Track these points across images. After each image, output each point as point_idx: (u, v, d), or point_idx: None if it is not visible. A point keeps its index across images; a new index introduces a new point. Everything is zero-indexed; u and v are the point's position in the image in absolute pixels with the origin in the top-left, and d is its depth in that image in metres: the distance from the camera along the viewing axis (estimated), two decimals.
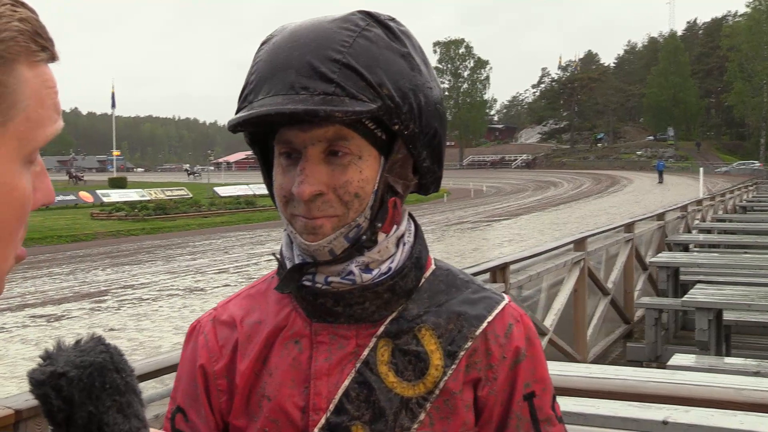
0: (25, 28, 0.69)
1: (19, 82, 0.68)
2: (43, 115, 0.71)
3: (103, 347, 0.89)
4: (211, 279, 17.24)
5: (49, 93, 0.73)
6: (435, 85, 1.17)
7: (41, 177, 0.75)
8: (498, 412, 1.19)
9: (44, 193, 0.76)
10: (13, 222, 0.71)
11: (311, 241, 1.12)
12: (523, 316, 1.25)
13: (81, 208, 40.05)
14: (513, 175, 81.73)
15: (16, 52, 0.68)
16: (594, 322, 9.34)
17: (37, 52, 0.71)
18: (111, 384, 0.88)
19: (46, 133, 0.72)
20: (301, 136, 1.10)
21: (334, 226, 1.11)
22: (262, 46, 1.16)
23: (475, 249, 22.58)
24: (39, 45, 0.71)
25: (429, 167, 1.19)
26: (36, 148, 0.71)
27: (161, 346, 10.82)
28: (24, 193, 0.71)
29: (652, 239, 12.94)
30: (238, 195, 48.26)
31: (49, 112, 0.73)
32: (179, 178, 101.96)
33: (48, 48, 0.72)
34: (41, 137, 0.71)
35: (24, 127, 0.69)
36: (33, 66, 0.70)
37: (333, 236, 1.12)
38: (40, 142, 0.72)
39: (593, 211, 35.55)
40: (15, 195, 0.70)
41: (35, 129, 0.71)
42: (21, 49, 0.68)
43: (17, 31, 0.68)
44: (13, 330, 12.17)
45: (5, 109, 0.67)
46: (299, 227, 1.13)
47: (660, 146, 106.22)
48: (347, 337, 1.17)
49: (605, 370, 4.78)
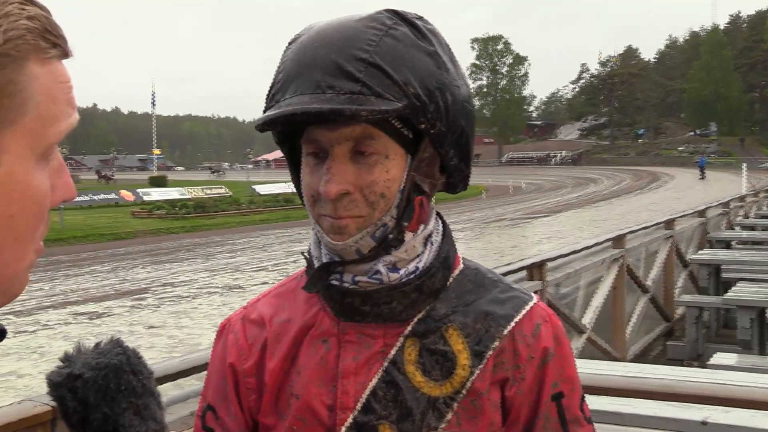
0: (34, 25, 0.69)
1: (29, 79, 0.68)
2: (55, 111, 0.72)
3: (120, 350, 0.90)
4: (249, 277, 17.35)
5: (62, 88, 0.73)
6: (462, 83, 1.16)
7: (60, 173, 0.75)
8: (525, 413, 1.18)
9: (64, 190, 0.76)
10: (31, 220, 0.71)
11: (338, 241, 1.12)
12: (552, 315, 1.24)
13: (122, 207, 40.54)
14: (552, 172, 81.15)
15: (25, 49, 0.68)
16: (633, 320, 9.24)
17: (48, 49, 0.71)
18: (126, 386, 0.89)
19: (59, 129, 0.72)
20: (327, 135, 1.09)
21: (359, 226, 1.11)
22: (289, 45, 1.16)
23: (513, 246, 22.46)
24: (49, 42, 0.71)
25: (456, 166, 1.18)
26: (50, 144, 0.72)
27: (200, 344, 10.90)
28: (40, 191, 0.71)
29: (693, 236, 12.77)
30: (277, 193, 48.43)
31: (62, 108, 0.73)
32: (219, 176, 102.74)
33: (59, 44, 0.72)
34: (54, 133, 0.72)
35: (36, 124, 0.69)
36: (44, 63, 0.70)
37: (359, 236, 1.11)
38: (54, 139, 0.72)
39: (633, 208, 35.16)
40: (31, 193, 0.70)
41: (48, 126, 0.71)
42: (30, 46, 0.68)
43: (26, 29, 0.68)
44: (56, 327, 12.36)
45: (16, 106, 0.67)
46: (326, 227, 1.13)
47: (702, 142, 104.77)
48: (375, 336, 1.17)
49: (643, 368, 4.72)
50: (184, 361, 3.00)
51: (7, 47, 0.66)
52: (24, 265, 0.73)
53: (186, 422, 2.86)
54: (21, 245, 0.71)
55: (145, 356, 1.00)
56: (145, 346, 10.85)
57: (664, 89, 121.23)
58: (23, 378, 9.27)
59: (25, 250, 0.72)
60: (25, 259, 0.73)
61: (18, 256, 0.72)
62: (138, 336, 11.55)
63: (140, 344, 11.00)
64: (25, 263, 0.73)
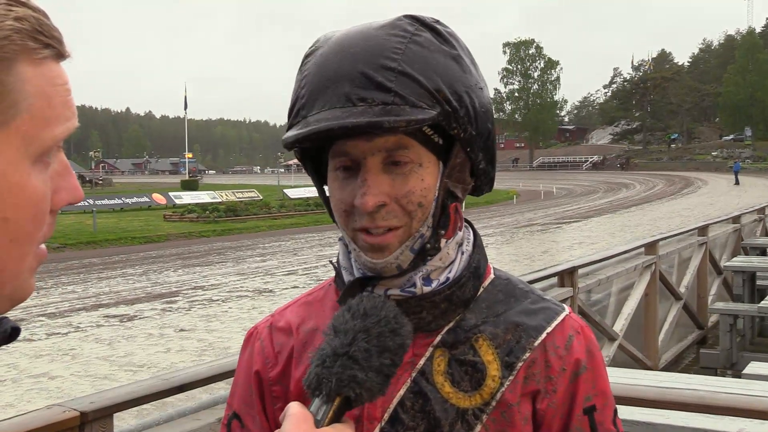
0: (22, 26, 0.68)
1: (19, 80, 0.67)
2: (50, 114, 0.71)
3: None
4: (280, 281, 17.42)
5: (58, 91, 0.72)
6: (484, 85, 1.16)
7: (64, 176, 0.75)
8: (557, 426, 1.16)
9: (69, 192, 0.75)
10: (28, 223, 0.70)
11: (378, 259, 1.10)
12: (584, 327, 1.21)
13: (154, 210, 40.92)
14: (584, 177, 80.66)
15: (12, 50, 0.67)
16: (666, 327, 9.15)
17: (39, 50, 0.70)
18: None
19: (54, 133, 0.71)
20: (360, 147, 1.07)
21: (401, 239, 1.10)
22: (307, 58, 1.13)
23: (544, 252, 22.33)
24: (40, 42, 0.70)
25: (484, 169, 1.17)
26: (45, 147, 0.70)
27: (230, 347, 10.96)
28: (37, 193, 0.70)
29: (727, 243, 12.61)
30: (308, 197, 48.63)
31: (58, 111, 0.72)
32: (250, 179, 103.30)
33: (52, 45, 0.71)
34: (49, 136, 0.71)
35: (28, 126, 0.68)
36: (36, 64, 0.69)
37: (399, 251, 1.10)
38: (50, 141, 0.71)
39: (666, 213, 34.85)
40: (26, 195, 0.69)
41: (42, 128, 0.70)
42: (18, 47, 0.67)
43: (11, 29, 0.67)
44: (88, 329, 12.48)
45: (5, 108, 0.67)
46: (364, 245, 1.11)
47: (736, 147, 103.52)
48: None
49: (676, 378, 4.66)
50: (212, 366, 3.00)
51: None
52: (22, 268, 0.72)
53: (213, 428, 2.87)
54: (18, 248, 0.70)
55: (175, 359, 1.00)
56: (175, 350, 10.93)
57: (698, 93, 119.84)
58: (55, 380, 9.37)
59: (22, 253, 0.71)
60: (23, 262, 0.72)
61: (15, 259, 0.71)
62: (168, 339, 11.62)
63: (170, 347, 11.08)
64: (23, 266, 0.72)
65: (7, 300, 0.73)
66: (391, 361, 1.00)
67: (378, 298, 1.06)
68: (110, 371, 9.93)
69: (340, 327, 1.02)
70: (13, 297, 0.73)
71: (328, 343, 1.01)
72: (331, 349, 1.00)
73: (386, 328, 1.01)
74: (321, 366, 0.99)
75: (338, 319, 1.03)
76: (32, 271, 0.74)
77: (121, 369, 10.02)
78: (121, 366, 10.17)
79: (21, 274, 0.72)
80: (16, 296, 0.73)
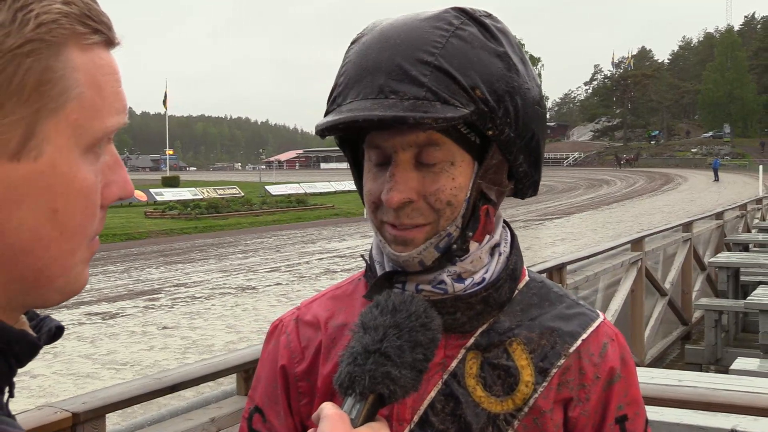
0: (70, 10, 0.65)
1: (68, 66, 0.64)
2: (101, 104, 0.67)
3: None
4: (262, 278, 17.33)
5: (108, 80, 0.69)
6: (533, 84, 1.10)
7: (115, 169, 0.72)
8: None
9: (120, 187, 0.72)
10: (78, 214, 0.67)
11: (401, 252, 1.08)
12: (618, 335, 1.19)
13: (135, 207, 40.65)
14: (565, 173, 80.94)
15: (61, 35, 0.64)
16: (651, 323, 9.19)
17: (87, 35, 0.66)
18: None
19: (105, 124, 0.68)
20: (390, 141, 1.05)
21: (426, 235, 1.07)
22: (351, 45, 1.11)
23: (527, 248, 22.37)
24: (89, 27, 0.66)
25: (526, 171, 1.13)
26: (96, 138, 0.67)
27: (214, 345, 10.89)
28: (86, 184, 0.67)
29: (710, 239, 12.69)
30: (290, 193, 48.62)
31: (109, 101, 0.68)
32: (231, 176, 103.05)
33: (101, 30, 0.68)
34: (99, 127, 0.67)
35: (78, 114, 0.65)
36: (85, 50, 0.66)
37: (423, 247, 1.07)
38: (100, 132, 0.67)
39: (647, 210, 35.01)
40: (76, 186, 0.66)
41: (92, 118, 0.66)
42: (67, 32, 0.64)
43: (59, 13, 0.64)
44: (70, 327, 12.35)
45: (57, 95, 0.63)
46: (389, 237, 1.08)
47: (716, 144, 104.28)
48: None
49: (667, 374, 4.66)
50: (205, 365, 2.96)
51: (40, 32, 0.62)
52: (74, 261, 0.69)
53: (206, 429, 2.82)
54: (68, 240, 0.67)
55: (159, 357, 0.96)
56: (159, 347, 10.85)
57: (678, 90, 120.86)
58: (37, 378, 9.27)
59: (73, 246, 0.68)
60: (75, 255, 0.69)
61: (66, 252, 0.68)
62: (151, 337, 11.53)
63: (153, 345, 11.00)
64: (74, 259, 0.69)
65: (58, 293, 0.70)
66: (424, 356, 0.98)
67: (406, 294, 1.03)
68: (93, 369, 9.83)
69: (370, 323, 0.99)
70: (65, 290, 0.70)
71: (358, 341, 0.98)
72: (361, 346, 0.97)
73: (417, 322, 0.99)
74: (353, 364, 0.96)
75: (366, 315, 1.01)
76: (85, 262, 0.71)
77: (104, 367, 9.92)
78: (104, 364, 10.07)
79: (73, 267, 0.69)
80: (68, 289, 0.70)
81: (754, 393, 3.35)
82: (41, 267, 0.67)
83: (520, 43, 1.12)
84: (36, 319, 0.75)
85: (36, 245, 0.65)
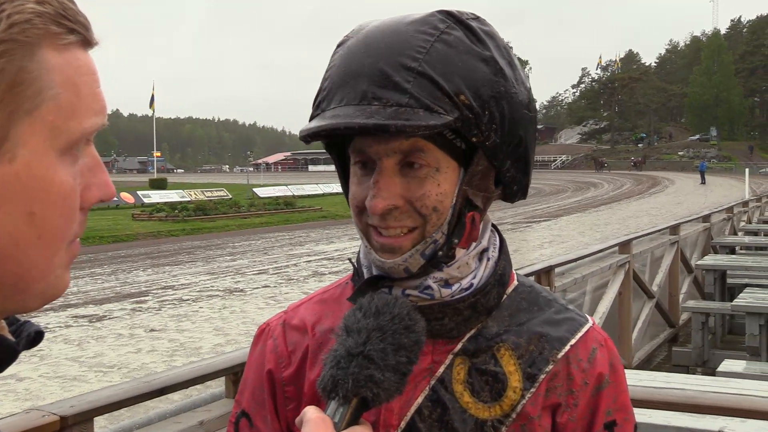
0: (44, 10, 0.64)
1: (43, 67, 0.63)
2: (77, 105, 0.66)
3: None
4: (250, 280, 17.29)
5: (85, 81, 0.67)
6: (522, 88, 1.09)
7: (96, 171, 0.71)
8: None
9: (100, 189, 0.71)
10: (56, 218, 0.66)
11: (386, 259, 1.07)
12: (607, 340, 1.18)
13: (122, 209, 40.45)
14: (552, 176, 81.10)
15: (34, 35, 0.62)
16: (639, 325, 9.19)
17: (63, 35, 0.65)
18: None
19: (82, 125, 0.66)
20: (375, 147, 1.04)
21: (413, 242, 1.06)
22: (337, 48, 1.10)
23: (515, 251, 22.40)
24: (64, 27, 0.65)
25: (513, 176, 1.12)
26: (73, 139, 0.66)
27: (201, 347, 10.85)
28: (65, 187, 0.66)
29: (697, 241, 12.72)
30: (277, 196, 48.51)
31: (86, 102, 0.67)
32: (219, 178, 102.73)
33: (77, 31, 0.67)
34: (76, 128, 0.66)
35: (54, 116, 0.64)
36: (61, 50, 0.65)
37: (409, 254, 1.06)
38: (77, 134, 0.66)
39: (635, 213, 35.13)
40: (54, 189, 0.65)
41: (69, 119, 0.65)
42: (40, 32, 0.63)
43: (33, 13, 0.63)
44: (56, 330, 12.29)
45: (31, 96, 0.62)
46: (375, 245, 1.07)
47: (702, 146, 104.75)
48: (423, 352, 1.09)
49: (655, 377, 4.67)
50: (194, 369, 2.95)
51: (12, 32, 0.61)
52: (53, 265, 0.68)
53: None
54: (47, 244, 0.66)
55: (146, 360, 0.95)
56: (146, 350, 10.80)
57: (665, 94, 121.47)
58: (23, 381, 9.20)
59: (52, 250, 0.67)
60: (54, 258, 0.68)
61: (45, 256, 0.67)
62: (139, 339, 11.48)
63: (141, 347, 10.95)
64: (53, 263, 0.68)
65: (38, 298, 0.69)
66: (408, 359, 0.97)
67: (389, 296, 1.03)
68: (80, 372, 9.78)
69: (353, 326, 0.98)
70: (45, 294, 0.69)
71: (341, 344, 0.98)
72: (344, 349, 0.97)
73: (400, 325, 0.98)
74: (336, 367, 0.96)
75: (350, 318, 1.00)
76: (66, 266, 0.70)
77: (91, 370, 9.87)
78: (91, 367, 10.01)
79: (52, 271, 0.68)
80: (49, 293, 0.69)
81: (741, 395, 3.35)
82: (20, 272, 0.66)
83: (508, 46, 1.11)
84: (15, 324, 0.74)
85: (14, 250, 0.64)
